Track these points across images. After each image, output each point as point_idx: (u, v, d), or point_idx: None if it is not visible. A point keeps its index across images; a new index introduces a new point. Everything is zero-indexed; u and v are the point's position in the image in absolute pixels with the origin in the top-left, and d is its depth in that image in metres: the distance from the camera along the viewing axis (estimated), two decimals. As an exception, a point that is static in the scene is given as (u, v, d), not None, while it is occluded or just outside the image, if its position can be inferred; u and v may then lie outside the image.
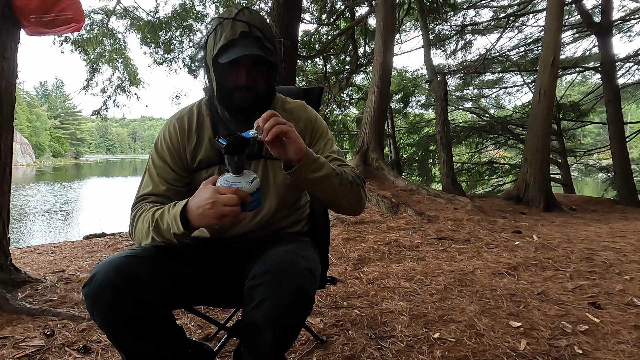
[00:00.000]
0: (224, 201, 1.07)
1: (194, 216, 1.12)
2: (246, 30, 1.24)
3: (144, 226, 1.22)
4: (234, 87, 1.26)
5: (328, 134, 1.47)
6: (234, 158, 1.10)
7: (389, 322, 2.27)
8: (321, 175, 1.19)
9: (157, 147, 1.37)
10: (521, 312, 2.37)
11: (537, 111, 6.56)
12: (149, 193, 1.32)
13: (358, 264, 3.28)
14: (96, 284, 1.09)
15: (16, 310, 2.35)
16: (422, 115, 14.54)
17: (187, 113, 1.39)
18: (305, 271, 1.13)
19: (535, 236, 4.19)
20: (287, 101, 1.46)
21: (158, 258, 1.22)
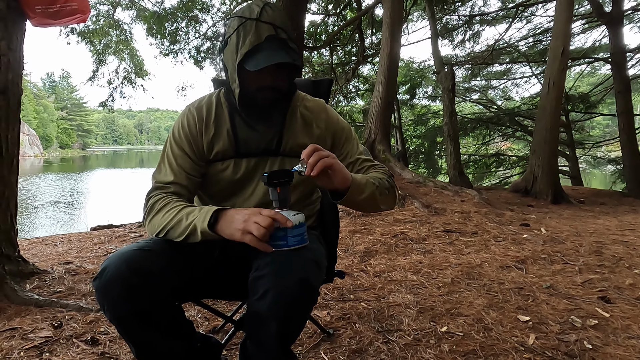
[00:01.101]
0: (257, 219, 1.06)
1: (225, 220, 1.11)
2: (272, 34, 1.21)
3: (165, 218, 1.20)
4: (257, 88, 1.25)
5: (352, 134, 1.46)
6: (276, 189, 1.11)
7: (396, 315, 2.26)
8: (366, 195, 1.23)
9: (174, 136, 1.34)
10: (530, 306, 2.35)
11: (546, 103, 6.48)
12: (170, 182, 1.29)
13: (365, 257, 3.27)
14: (107, 277, 1.08)
15: (24, 302, 2.36)
16: (428, 106, 14.44)
17: (205, 103, 1.36)
18: (309, 262, 1.12)
19: (543, 229, 4.15)
20: (307, 99, 1.44)
21: (168, 251, 1.20)
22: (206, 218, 1.12)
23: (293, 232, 1.10)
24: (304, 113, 1.40)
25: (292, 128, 1.37)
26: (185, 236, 1.17)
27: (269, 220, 1.06)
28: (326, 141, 1.41)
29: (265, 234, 1.05)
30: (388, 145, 6.73)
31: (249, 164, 1.35)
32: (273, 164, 1.36)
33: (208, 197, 1.43)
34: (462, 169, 7.57)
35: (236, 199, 1.38)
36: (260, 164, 1.36)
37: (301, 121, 1.39)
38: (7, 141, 2.66)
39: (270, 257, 1.10)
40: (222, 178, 1.35)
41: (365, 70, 12.55)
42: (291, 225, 1.09)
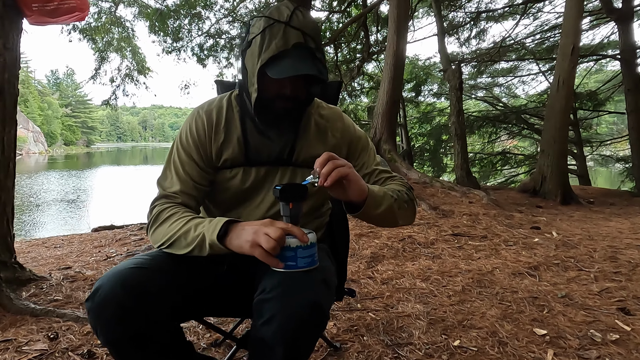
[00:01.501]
0: (267, 231, 0.98)
1: (234, 232, 1.03)
2: (300, 41, 1.12)
3: (172, 229, 1.12)
4: (275, 95, 1.16)
5: (369, 144, 1.37)
6: (288, 205, 1.03)
7: (406, 327, 2.17)
8: (384, 209, 1.15)
9: (182, 141, 1.25)
10: (545, 317, 2.25)
11: (555, 101, 6.35)
12: (176, 192, 1.21)
13: (371, 262, 3.17)
14: (100, 298, 1.00)
15: (20, 311, 2.28)
16: (434, 104, 14.29)
17: (215, 106, 1.27)
18: (319, 283, 1.04)
19: (554, 232, 4.04)
20: (322, 107, 1.35)
21: (168, 268, 1.12)
22: (216, 229, 1.03)
23: (303, 253, 1.01)
24: (319, 121, 1.31)
25: (305, 137, 1.28)
26: (192, 248, 1.08)
27: (280, 231, 0.97)
28: (341, 151, 1.32)
29: (276, 246, 0.97)
30: (394, 145, 6.62)
31: (259, 173, 1.26)
32: (284, 174, 1.27)
33: (213, 205, 1.35)
34: (469, 169, 7.43)
35: (243, 209, 1.30)
36: (271, 173, 1.27)
37: (315, 130, 1.30)
38: (2, 144, 2.58)
39: (277, 279, 1.02)
40: (230, 186, 1.27)
41: (370, 68, 12.45)
42: (307, 241, 1.00)
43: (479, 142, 13.70)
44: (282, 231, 0.98)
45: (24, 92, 56.26)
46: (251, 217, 1.28)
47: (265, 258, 0.99)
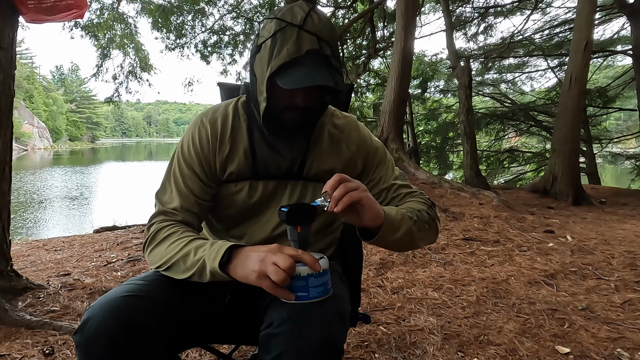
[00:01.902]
0: (276, 260, 0.87)
1: (239, 259, 0.92)
2: (315, 48, 0.99)
3: (170, 251, 1.01)
4: (286, 107, 1.05)
5: (387, 156, 1.24)
6: (296, 229, 0.92)
7: (419, 342, 2.06)
8: (402, 233, 1.03)
9: (183, 152, 1.14)
10: (567, 333, 2.12)
11: (567, 99, 6.19)
12: (177, 208, 1.10)
13: (380, 269, 3.06)
14: (90, 332, 0.88)
15: (15, 323, 2.19)
16: (440, 101, 14.10)
17: (220, 115, 1.16)
18: (332, 317, 0.92)
19: (569, 236, 3.91)
20: (336, 115, 1.23)
21: (165, 295, 1.01)
22: (218, 255, 0.92)
23: (315, 282, 0.90)
24: (333, 132, 1.19)
25: (318, 149, 1.16)
26: (191, 274, 0.97)
27: (289, 261, 0.86)
28: (357, 164, 1.20)
29: (285, 279, 0.86)
30: (401, 144, 6.49)
31: (267, 188, 1.15)
32: (294, 189, 1.16)
33: (217, 221, 1.23)
34: (478, 169, 7.27)
35: (248, 226, 1.18)
36: (279, 188, 1.16)
37: (329, 141, 1.18)
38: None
39: (285, 311, 0.90)
40: (235, 201, 1.15)
41: (376, 64, 12.28)
42: (319, 269, 0.89)
43: (486, 140, 13.52)
44: (292, 260, 0.87)
45: (29, 88, 56.44)
46: (257, 235, 1.18)
47: (274, 290, 0.88)
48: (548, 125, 11.82)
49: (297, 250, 0.89)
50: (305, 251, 0.90)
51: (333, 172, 1.12)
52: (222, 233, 1.23)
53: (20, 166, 30.11)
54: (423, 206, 1.14)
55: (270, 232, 1.17)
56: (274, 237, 1.16)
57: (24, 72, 55.64)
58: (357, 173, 1.19)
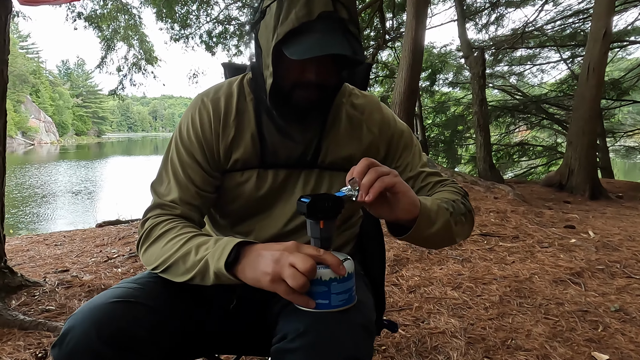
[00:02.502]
0: (294, 261, 0.71)
1: (248, 258, 0.77)
2: (328, 10, 0.82)
3: (167, 250, 0.85)
4: (297, 83, 0.88)
5: (413, 140, 1.07)
6: (319, 224, 0.75)
7: (441, 347, 1.89)
8: (438, 227, 0.86)
9: (182, 136, 0.98)
10: (602, 337, 1.95)
11: (585, 90, 5.97)
12: (175, 201, 0.94)
13: (395, 266, 2.89)
14: (70, 347, 0.73)
15: (7, 323, 2.05)
16: (449, 94, 13.86)
17: (224, 94, 1.00)
18: (357, 330, 0.77)
19: (591, 232, 3.73)
20: (355, 95, 1.06)
21: (161, 300, 0.85)
22: (223, 254, 0.77)
23: (338, 287, 0.74)
24: (352, 113, 1.02)
25: (335, 133, 1.00)
26: (192, 276, 0.81)
27: (310, 262, 0.70)
28: (379, 150, 1.03)
29: (305, 283, 0.70)
30: (412, 136, 6.28)
31: (277, 178, 0.99)
32: (308, 178, 1.00)
33: (220, 216, 1.07)
34: (492, 162, 7.05)
35: (256, 222, 1.03)
36: (291, 177, 1.00)
37: (347, 124, 1.01)
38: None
39: (302, 323, 0.75)
40: (241, 193, 0.99)
41: (384, 55, 12.05)
42: (344, 273, 0.73)
43: (496, 133, 13.28)
44: (313, 261, 0.71)
45: (35, 83, 56.60)
46: (266, 231, 1.02)
47: (291, 297, 0.73)
48: (560, 118, 11.57)
49: (318, 250, 0.73)
50: (327, 251, 0.74)
51: (352, 159, 0.98)
52: (227, 230, 1.07)
53: (27, 160, 30.18)
54: (457, 196, 0.98)
55: (280, 228, 1.01)
56: (285, 234, 1.01)
57: (31, 67, 55.76)
58: (379, 160, 1.02)
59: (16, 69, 48.01)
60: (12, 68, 46.29)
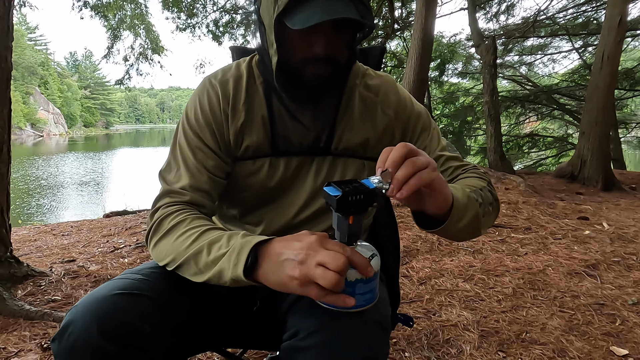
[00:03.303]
0: (323, 259, 0.63)
1: (269, 260, 0.68)
2: None
3: (177, 246, 0.79)
4: (304, 59, 0.82)
5: (431, 123, 1.01)
6: (347, 219, 0.66)
7: (454, 340, 1.84)
8: (468, 221, 0.78)
9: (189, 120, 0.92)
10: (620, 331, 1.89)
11: (599, 79, 5.84)
12: (185, 187, 0.88)
13: (405, 258, 2.84)
14: (70, 341, 0.68)
15: (13, 313, 2.03)
16: (458, 84, 13.68)
17: (232, 76, 0.94)
18: (373, 328, 0.72)
19: (605, 223, 3.65)
20: (369, 75, 0.99)
21: (168, 293, 0.80)
22: (240, 260, 0.69)
23: (364, 288, 0.67)
24: (365, 95, 0.96)
25: (348, 116, 0.94)
26: (206, 279, 0.75)
27: (342, 259, 0.62)
28: (394, 134, 0.97)
29: (339, 281, 0.63)
30: (421, 126, 6.19)
31: (289, 166, 0.94)
32: (320, 166, 0.94)
33: (228, 205, 1.02)
34: (503, 153, 6.93)
35: (266, 212, 0.97)
36: (304, 165, 0.94)
37: (361, 106, 0.95)
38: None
39: (315, 321, 0.70)
40: (252, 183, 0.94)
41: (393, 46, 11.90)
42: (371, 274, 0.66)
43: (505, 124, 13.11)
44: (345, 257, 0.63)
45: (43, 74, 56.84)
46: (276, 221, 0.97)
47: (326, 299, 0.65)
48: (571, 108, 11.38)
49: (344, 247, 0.65)
50: (353, 248, 0.67)
51: (367, 144, 0.95)
52: (235, 220, 1.02)
53: (37, 152, 30.41)
54: (483, 183, 0.91)
55: (292, 218, 0.96)
56: (297, 224, 0.96)
57: (39, 59, 55.99)
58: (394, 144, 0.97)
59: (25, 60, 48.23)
60: (21, 60, 46.55)
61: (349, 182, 0.67)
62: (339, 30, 0.81)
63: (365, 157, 0.96)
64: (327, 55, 0.81)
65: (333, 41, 0.81)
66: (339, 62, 0.84)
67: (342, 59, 0.86)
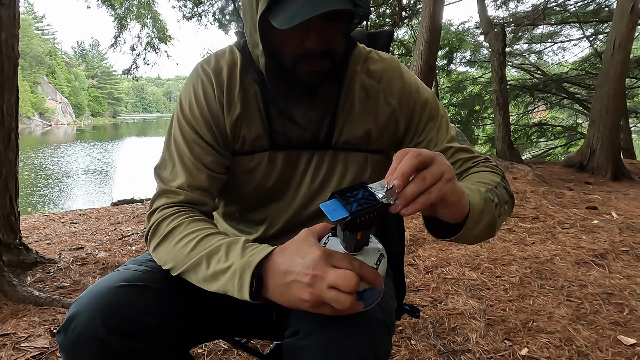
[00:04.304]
0: (334, 282, 0.59)
1: (274, 278, 0.65)
2: None
3: (177, 253, 0.76)
4: (296, 57, 0.77)
5: (439, 111, 0.93)
6: (356, 235, 0.62)
7: (460, 328, 1.84)
8: (483, 226, 0.73)
9: (184, 113, 0.88)
10: (628, 320, 1.88)
11: (610, 67, 5.75)
12: (182, 186, 0.84)
13: (411, 246, 2.84)
14: (75, 334, 0.68)
15: (23, 299, 2.06)
16: (466, 73, 13.56)
17: (226, 62, 0.88)
18: (375, 327, 0.70)
19: (614, 213, 3.61)
20: (371, 59, 0.92)
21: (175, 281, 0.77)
22: (244, 284, 0.66)
23: (371, 294, 0.66)
24: (367, 83, 0.90)
25: (348, 107, 0.89)
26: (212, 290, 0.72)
27: (354, 279, 0.59)
28: (398, 124, 0.91)
29: (352, 303, 0.60)
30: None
31: (288, 160, 0.90)
32: (321, 161, 0.90)
33: (228, 203, 0.99)
34: (511, 142, 6.86)
35: (268, 210, 0.94)
36: (304, 160, 0.90)
37: (362, 96, 0.89)
38: (1, 113, 2.31)
39: (316, 319, 0.68)
40: (250, 180, 0.90)
41: (401, 34, 11.79)
42: (380, 285, 0.64)
43: (514, 113, 12.99)
44: (357, 277, 0.60)
45: (51, 64, 57.03)
46: (280, 218, 0.94)
47: (338, 314, 0.64)
48: (581, 97, 11.25)
49: (351, 259, 0.62)
50: (362, 262, 0.63)
51: (369, 136, 0.90)
52: (234, 218, 0.99)
53: (46, 141, 30.61)
54: (497, 178, 0.84)
55: (294, 214, 0.93)
56: (301, 222, 0.93)
57: (46, 48, 56.13)
58: (399, 136, 0.92)
59: (32, 50, 48.37)
60: (29, 49, 46.68)
61: (355, 191, 0.60)
62: (330, 20, 0.75)
63: (367, 150, 0.91)
64: (322, 50, 0.76)
65: (326, 33, 0.75)
66: (336, 54, 0.79)
67: (339, 51, 0.81)
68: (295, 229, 0.93)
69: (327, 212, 0.57)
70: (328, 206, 0.58)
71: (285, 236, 0.92)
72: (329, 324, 0.67)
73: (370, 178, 0.92)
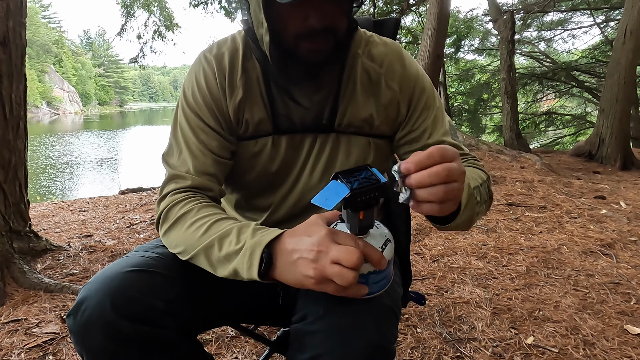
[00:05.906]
0: (337, 256, 0.61)
1: (283, 259, 0.67)
2: None
3: (187, 238, 0.77)
4: (299, 35, 0.76)
5: (435, 100, 0.92)
6: (358, 214, 0.63)
7: (466, 317, 1.85)
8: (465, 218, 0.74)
9: (188, 100, 0.89)
10: (635, 310, 1.88)
11: (621, 55, 5.67)
12: (189, 172, 0.85)
13: (417, 235, 2.84)
14: (85, 318, 0.69)
15: (33, 285, 2.09)
16: (474, 61, 13.42)
17: (228, 49, 0.89)
18: (382, 313, 0.70)
19: (622, 203, 3.59)
20: (372, 42, 0.91)
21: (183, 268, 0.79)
22: (253, 262, 0.67)
23: (377, 277, 0.66)
24: (369, 66, 0.89)
25: (350, 91, 0.88)
26: (221, 275, 0.74)
27: (357, 255, 0.60)
28: (399, 109, 0.91)
29: (355, 278, 0.61)
30: (435, 104, 6.11)
31: (292, 144, 0.90)
32: (324, 144, 0.90)
33: (234, 190, 1.00)
34: (519, 131, 6.80)
35: (272, 195, 0.95)
36: (305, 142, 0.90)
37: (364, 79, 0.89)
38: (10, 101, 2.31)
39: (323, 304, 0.69)
40: (255, 165, 0.91)
41: (408, 21, 11.67)
42: (384, 266, 0.65)
43: (522, 102, 12.87)
44: (360, 252, 0.61)
45: (58, 52, 57.12)
46: (283, 205, 0.95)
47: (342, 293, 0.64)
48: (590, 86, 11.12)
49: (355, 238, 0.63)
50: (366, 242, 0.64)
51: (371, 120, 0.90)
52: (240, 205, 1.00)
53: (54, 130, 30.79)
54: (484, 175, 0.86)
55: (300, 198, 0.93)
56: (305, 206, 0.93)
57: (53, 37, 56.19)
58: (400, 121, 0.92)
59: (39, 38, 48.44)
60: (35, 38, 46.75)
61: (359, 172, 0.62)
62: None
63: (370, 135, 0.91)
64: (324, 27, 0.75)
65: (329, 11, 0.74)
66: (338, 33, 0.79)
67: (342, 29, 0.80)
68: (300, 214, 0.93)
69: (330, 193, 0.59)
70: (330, 188, 0.60)
71: (290, 221, 0.93)
72: (336, 309, 0.67)
73: (373, 163, 0.92)
